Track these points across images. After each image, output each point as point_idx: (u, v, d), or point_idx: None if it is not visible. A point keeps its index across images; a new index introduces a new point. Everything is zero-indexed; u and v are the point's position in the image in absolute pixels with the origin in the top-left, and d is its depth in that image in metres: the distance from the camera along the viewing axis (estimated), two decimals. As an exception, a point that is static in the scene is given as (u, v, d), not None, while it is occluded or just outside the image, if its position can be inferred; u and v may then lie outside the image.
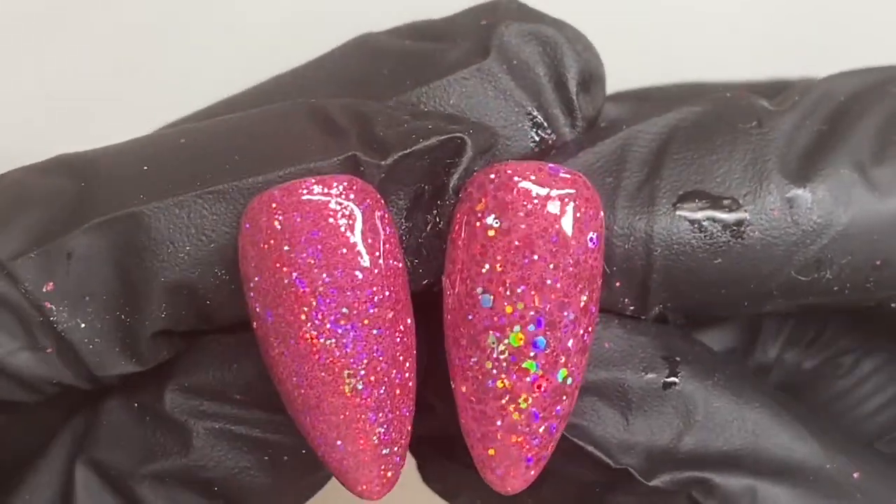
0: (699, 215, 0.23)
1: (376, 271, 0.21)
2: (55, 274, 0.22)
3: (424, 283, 0.23)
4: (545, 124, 0.24)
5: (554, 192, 0.21)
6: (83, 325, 0.22)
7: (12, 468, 0.26)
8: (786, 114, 0.24)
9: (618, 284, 0.24)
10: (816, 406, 0.28)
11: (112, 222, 0.22)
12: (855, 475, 0.25)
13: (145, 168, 0.23)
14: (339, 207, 0.20)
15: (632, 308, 0.24)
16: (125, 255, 0.22)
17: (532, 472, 0.23)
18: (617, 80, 0.27)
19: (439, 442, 0.31)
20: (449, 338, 0.22)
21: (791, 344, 0.29)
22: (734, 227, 0.23)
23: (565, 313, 0.21)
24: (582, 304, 0.21)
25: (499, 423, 0.22)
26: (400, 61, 0.25)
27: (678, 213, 0.23)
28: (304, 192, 0.20)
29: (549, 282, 0.21)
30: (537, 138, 0.24)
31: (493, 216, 0.21)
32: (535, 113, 0.24)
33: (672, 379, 0.24)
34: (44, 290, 0.22)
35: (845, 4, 0.44)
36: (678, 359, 0.25)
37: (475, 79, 0.24)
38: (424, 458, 0.32)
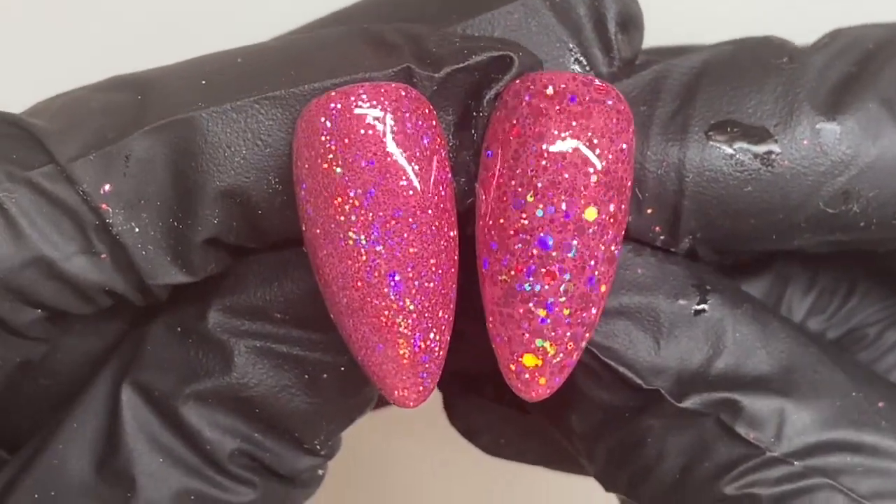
0: (730, 143, 0.24)
1: (425, 179, 0.22)
2: (113, 176, 0.23)
3: (469, 201, 0.24)
4: (584, 61, 0.25)
5: (586, 101, 0.21)
6: (137, 230, 0.23)
7: (66, 395, 0.26)
8: (815, 53, 0.25)
9: (649, 211, 0.25)
10: None
11: (171, 125, 0.23)
12: (880, 404, 0.25)
13: (203, 81, 0.23)
14: (392, 113, 0.21)
15: (662, 238, 0.25)
16: (182, 158, 0.23)
17: (556, 379, 0.23)
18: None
19: (469, 377, 0.31)
20: (480, 245, 0.23)
21: (815, 312, 0.29)
22: (764, 156, 0.24)
23: (594, 219, 0.22)
24: (611, 210, 0.22)
25: (525, 325, 0.22)
26: (447, 1, 0.26)
27: (710, 141, 0.24)
28: (361, 94, 0.21)
29: (579, 187, 0.21)
30: (578, 73, 0.25)
31: (526, 122, 0.22)
32: (576, 49, 0.25)
33: (702, 305, 0.25)
34: (101, 191, 0.23)
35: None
36: (709, 287, 0.25)
37: (519, 13, 0.25)
38: (452, 395, 0.32)
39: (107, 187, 0.23)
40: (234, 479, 0.26)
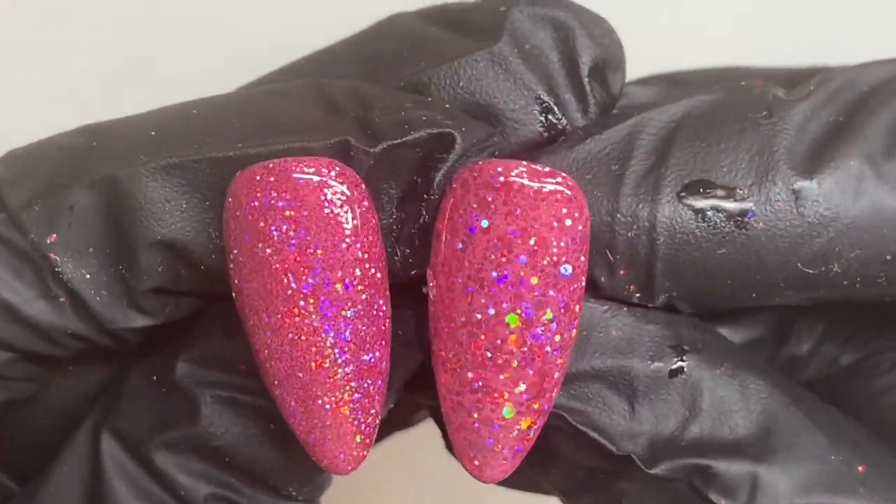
0: (703, 204, 0.23)
1: (350, 254, 0.21)
2: (58, 226, 0.23)
3: (413, 273, 0.23)
4: (555, 109, 0.24)
5: (536, 193, 0.21)
6: (88, 276, 0.23)
7: (59, 434, 0.27)
8: (799, 103, 0.23)
9: (622, 272, 0.24)
10: (853, 404, 0.27)
11: (109, 180, 0.23)
12: (860, 469, 0.24)
13: (153, 133, 0.23)
14: (317, 189, 0.21)
15: (638, 296, 0.24)
16: (121, 212, 0.23)
17: (509, 464, 0.23)
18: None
19: None
20: (431, 329, 0.22)
21: (829, 337, 0.28)
22: (738, 218, 0.23)
23: (543, 312, 0.21)
24: (562, 303, 0.21)
25: (476, 415, 0.22)
26: (420, 43, 0.25)
27: (682, 201, 0.23)
28: (285, 171, 0.21)
29: (527, 281, 0.21)
30: (546, 123, 0.24)
31: (475, 213, 0.21)
32: (545, 97, 0.24)
33: (679, 367, 0.24)
34: (48, 241, 0.23)
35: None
36: (686, 347, 0.25)
37: (485, 62, 0.24)
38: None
39: (53, 237, 0.23)
40: None
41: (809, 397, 0.26)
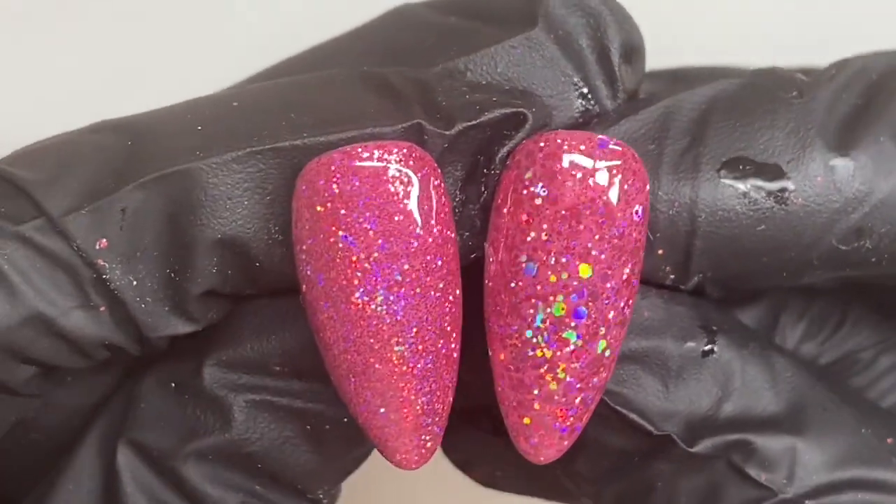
0: (743, 182, 0.23)
1: (430, 240, 0.21)
2: (108, 230, 0.22)
3: (473, 256, 0.23)
4: (589, 95, 0.24)
5: (602, 164, 0.21)
6: (135, 283, 0.22)
7: (59, 449, 0.25)
8: (824, 85, 0.24)
9: (660, 252, 0.24)
10: None
11: (168, 178, 0.22)
12: (889, 440, 0.25)
13: (199, 128, 0.22)
14: (397, 174, 0.20)
15: (672, 277, 0.25)
16: (180, 211, 0.22)
17: (565, 443, 0.23)
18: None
19: (464, 411, 0.31)
20: (489, 305, 0.22)
21: (809, 337, 0.29)
22: (778, 194, 0.23)
23: (608, 284, 0.21)
24: (624, 276, 0.21)
25: (536, 391, 0.22)
26: (444, 33, 0.25)
27: (722, 179, 0.23)
28: (364, 156, 0.20)
29: (593, 252, 0.21)
30: (582, 108, 0.24)
31: (540, 185, 0.21)
32: (581, 83, 0.24)
33: (710, 347, 0.25)
34: (97, 247, 0.22)
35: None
36: (715, 328, 0.25)
37: (523, 47, 0.24)
38: (447, 427, 0.32)
39: (102, 242, 0.22)
40: None
41: (826, 375, 0.27)
